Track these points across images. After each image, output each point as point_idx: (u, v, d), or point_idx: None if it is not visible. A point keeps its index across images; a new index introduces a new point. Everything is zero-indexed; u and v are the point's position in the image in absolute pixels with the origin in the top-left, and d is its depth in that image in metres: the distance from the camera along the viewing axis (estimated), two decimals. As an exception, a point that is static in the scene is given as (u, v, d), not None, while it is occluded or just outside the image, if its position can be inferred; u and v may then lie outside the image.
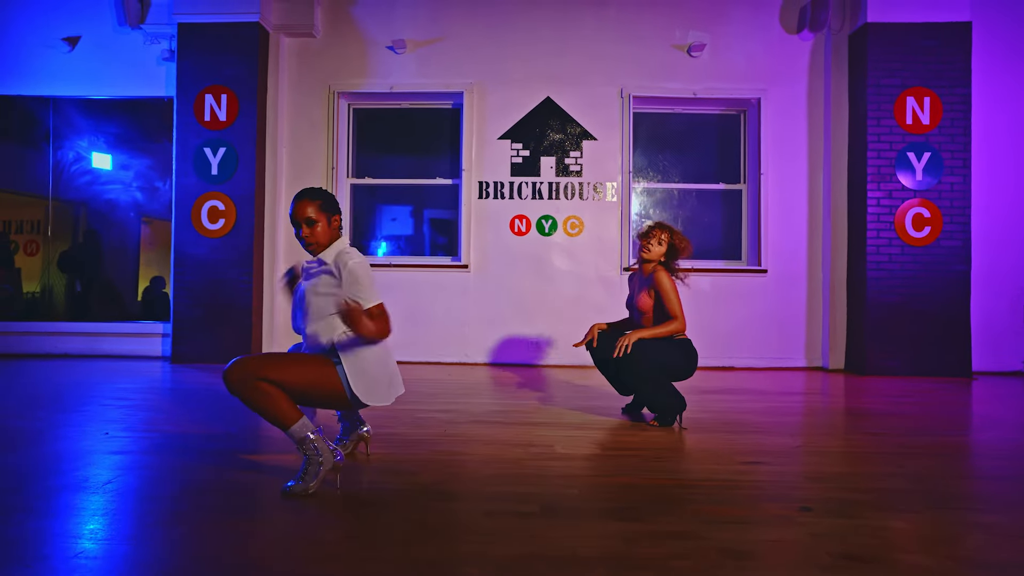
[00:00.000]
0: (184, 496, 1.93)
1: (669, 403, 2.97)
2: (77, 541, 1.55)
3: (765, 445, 2.66)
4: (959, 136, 4.96)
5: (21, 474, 2.11)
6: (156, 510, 1.80)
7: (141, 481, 2.08)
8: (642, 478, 2.15)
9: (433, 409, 3.33)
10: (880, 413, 3.46)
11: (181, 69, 5.35)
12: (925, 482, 2.15)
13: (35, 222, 7.19)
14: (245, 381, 1.88)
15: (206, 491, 1.97)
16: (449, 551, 1.52)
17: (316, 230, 2.08)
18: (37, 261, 6.82)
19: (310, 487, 1.91)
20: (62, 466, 2.21)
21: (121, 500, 1.88)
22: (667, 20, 5.46)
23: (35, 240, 7.03)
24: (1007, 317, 5.23)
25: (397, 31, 5.53)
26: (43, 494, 1.91)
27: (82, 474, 2.12)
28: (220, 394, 3.74)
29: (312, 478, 1.91)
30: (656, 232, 3.12)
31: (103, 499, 1.87)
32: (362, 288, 2.01)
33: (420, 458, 2.37)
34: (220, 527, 1.66)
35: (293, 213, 2.09)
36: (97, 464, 2.25)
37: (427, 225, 5.94)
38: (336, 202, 2.18)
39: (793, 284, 5.42)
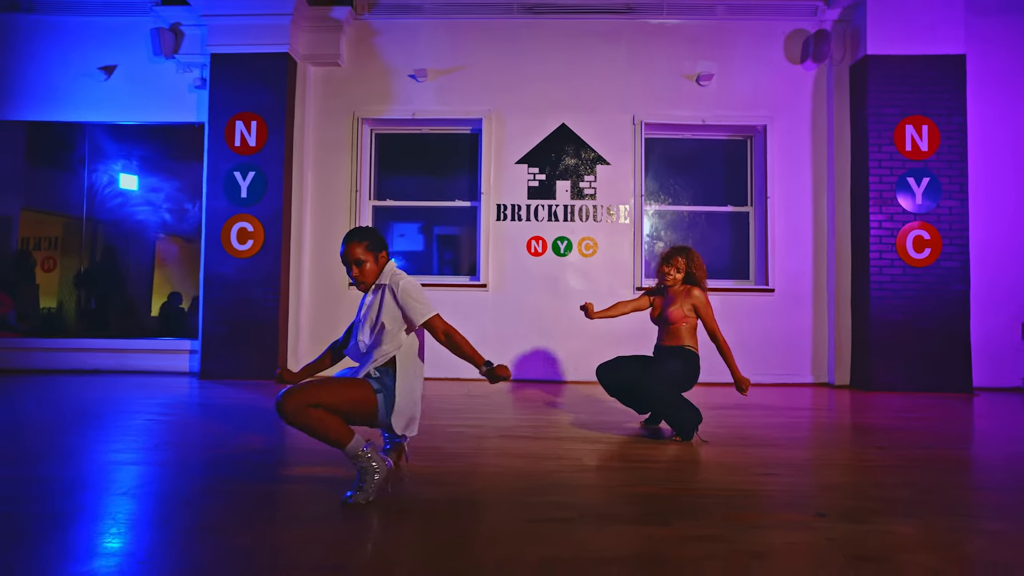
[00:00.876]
0: (243, 505, 2.12)
1: (687, 418, 3.17)
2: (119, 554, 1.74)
3: (778, 458, 2.84)
4: (956, 162, 5.20)
5: (73, 484, 2.31)
6: (201, 517, 2.00)
7: (193, 492, 2.27)
8: (666, 488, 2.34)
9: (463, 424, 3.52)
10: (885, 428, 3.64)
11: (213, 97, 5.61)
12: (930, 492, 2.34)
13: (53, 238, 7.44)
14: (299, 411, 2.02)
15: (266, 499, 2.17)
16: (501, 553, 1.71)
17: (364, 269, 2.27)
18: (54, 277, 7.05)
19: (369, 496, 2.10)
20: (111, 476, 2.41)
21: (171, 509, 2.07)
22: (677, 51, 5.72)
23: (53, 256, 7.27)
24: (1006, 334, 5.42)
25: (419, 61, 5.81)
26: (95, 502, 2.10)
27: (132, 485, 2.31)
28: (252, 409, 3.94)
29: (370, 487, 2.11)
30: (676, 260, 3.36)
31: (158, 508, 2.07)
32: (418, 303, 2.23)
33: (460, 470, 2.56)
34: (287, 532, 1.86)
35: (344, 254, 2.27)
36: (148, 477, 2.45)
37: (435, 242, 6.15)
38: (382, 240, 2.36)
39: (799, 303, 5.62)
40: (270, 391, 4.81)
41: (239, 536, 1.81)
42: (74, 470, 2.48)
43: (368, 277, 2.28)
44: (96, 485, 2.29)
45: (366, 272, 2.28)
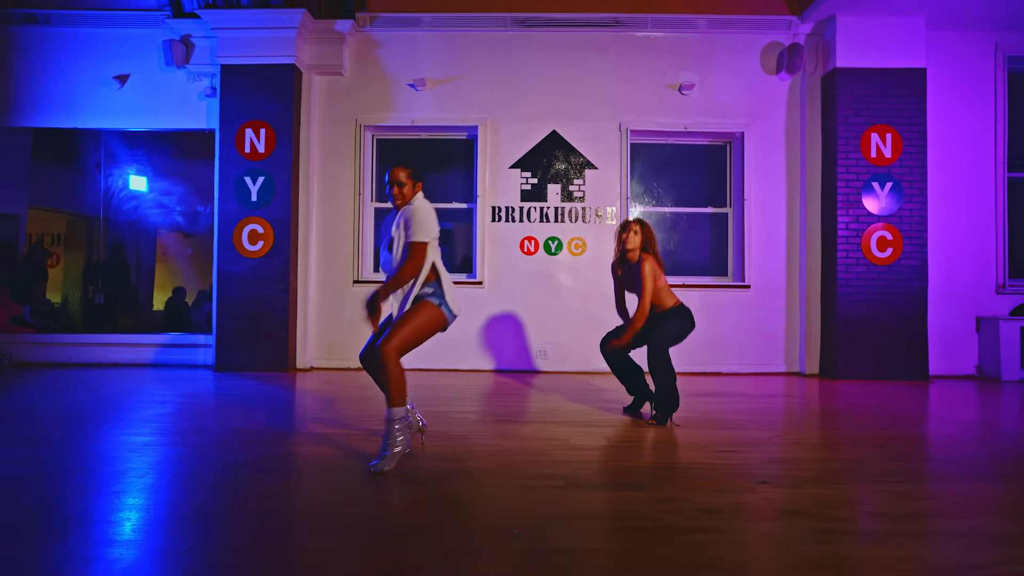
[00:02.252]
0: (268, 477, 2.52)
1: (670, 399, 3.60)
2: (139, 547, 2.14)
3: (740, 438, 3.27)
4: (917, 168, 5.62)
5: (109, 466, 2.70)
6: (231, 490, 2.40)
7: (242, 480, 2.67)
8: (641, 462, 2.77)
9: (464, 411, 3.93)
10: (844, 412, 4.08)
11: (223, 106, 5.94)
12: (860, 463, 2.77)
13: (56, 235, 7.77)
14: (392, 354, 2.49)
15: (288, 468, 2.57)
16: (502, 512, 2.12)
17: (403, 191, 2.71)
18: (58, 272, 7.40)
19: (391, 463, 2.52)
20: (140, 459, 2.80)
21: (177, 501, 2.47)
22: (661, 62, 6.10)
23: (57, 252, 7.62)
24: (961, 326, 5.89)
25: (418, 71, 6.15)
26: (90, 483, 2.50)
27: (160, 466, 2.71)
28: (267, 397, 4.33)
29: (392, 457, 2.53)
30: (631, 227, 3.76)
31: (159, 500, 2.47)
32: (417, 225, 2.61)
33: (465, 449, 2.97)
34: (307, 497, 2.26)
35: (389, 175, 2.71)
36: (176, 457, 2.84)
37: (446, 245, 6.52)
38: (422, 173, 2.80)
39: (773, 298, 6.06)
40: (282, 382, 5.20)
41: (268, 502, 2.21)
42: (109, 452, 2.87)
43: (404, 198, 2.71)
44: (124, 468, 2.68)
45: (404, 193, 2.71)
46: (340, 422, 3.57)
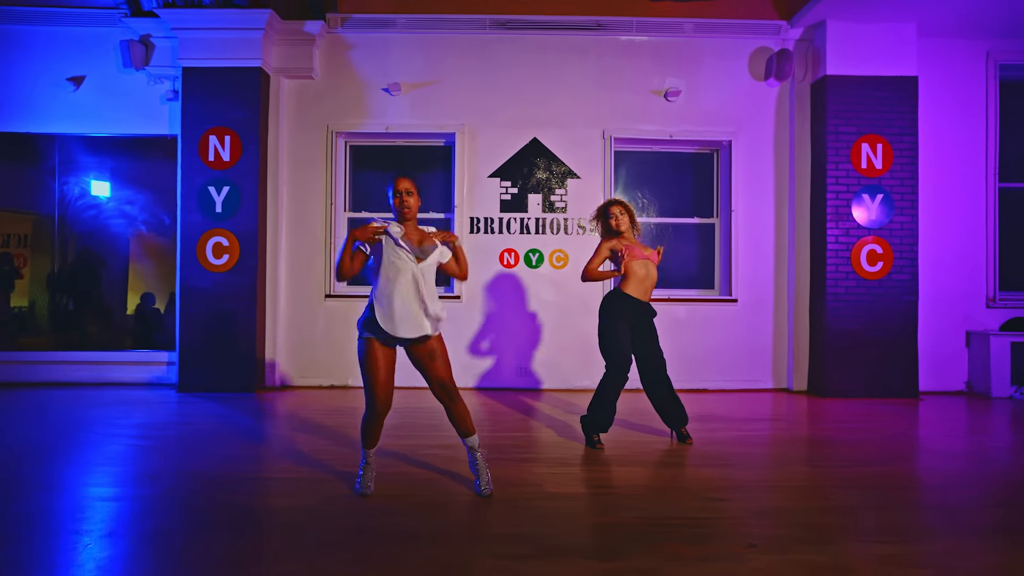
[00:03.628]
0: (211, 542, 2.27)
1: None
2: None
3: (728, 479, 3.07)
4: (908, 179, 5.46)
5: (24, 523, 2.44)
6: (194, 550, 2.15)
7: (161, 529, 2.41)
8: (620, 517, 2.55)
9: (433, 444, 3.70)
10: (832, 441, 3.90)
11: (186, 111, 5.62)
12: (852, 515, 2.58)
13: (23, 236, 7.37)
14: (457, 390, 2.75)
15: (232, 537, 2.32)
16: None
17: (411, 202, 2.71)
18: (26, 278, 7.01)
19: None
20: (88, 514, 2.54)
21: (141, 550, 2.22)
22: (646, 67, 5.87)
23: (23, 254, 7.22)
24: (951, 342, 5.75)
25: (392, 75, 5.87)
26: (45, 545, 2.24)
27: (111, 525, 2.45)
28: (233, 426, 4.07)
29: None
30: (613, 208, 3.74)
31: (120, 549, 2.21)
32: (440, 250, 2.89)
33: (429, 499, 2.74)
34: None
35: (396, 185, 2.73)
36: (129, 513, 2.58)
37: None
38: None
39: (761, 312, 5.88)
40: (249, 403, 4.92)
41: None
42: (49, 504, 2.60)
43: (414, 209, 2.72)
44: (71, 525, 2.41)
45: (413, 205, 2.71)
46: (313, 458, 3.32)
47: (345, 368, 5.87)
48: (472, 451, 2.79)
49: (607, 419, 3.66)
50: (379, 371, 2.62)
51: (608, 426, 3.68)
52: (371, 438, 2.75)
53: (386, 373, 2.65)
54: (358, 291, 5.97)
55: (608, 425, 3.68)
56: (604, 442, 3.77)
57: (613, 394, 3.64)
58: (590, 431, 3.70)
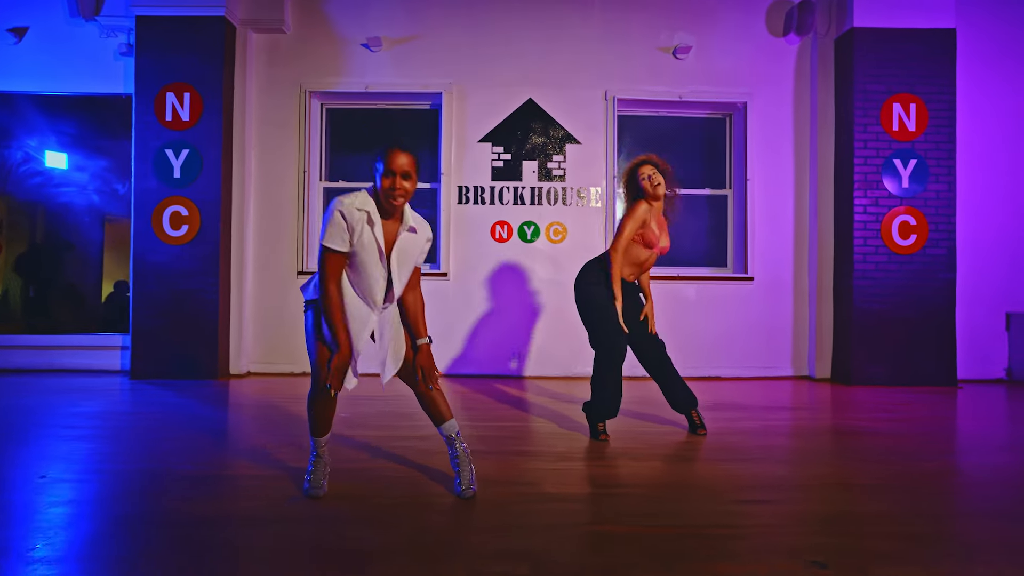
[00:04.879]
0: (136, 561, 1.70)
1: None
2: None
3: (762, 477, 2.52)
4: (944, 143, 4.92)
5: (-60, 535, 1.86)
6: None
7: (87, 541, 1.84)
8: (638, 526, 1.99)
9: (410, 436, 3.13)
10: (869, 432, 3.36)
11: (140, 65, 5.02)
12: (941, 523, 2.03)
13: None
14: None
15: (162, 554, 1.75)
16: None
17: (408, 186, 2.02)
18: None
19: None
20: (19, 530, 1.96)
21: (63, 570, 1.64)
22: (653, 21, 5.31)
23: None
24: (991, 324, 5.22)
25: (372, 28, 5.28)
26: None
27: (17, 536, 1.88)
28: (188, 421, 3.49)
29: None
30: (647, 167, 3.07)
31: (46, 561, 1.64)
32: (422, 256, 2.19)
33: (399, 501, 2.17)
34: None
35: (391, 162, 1.99)
36: (34, 521, 2.01)
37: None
38: None
39: (779, 292, 5.34)
40: (210, 393, 4.34)
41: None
42: (-82, 514, 2.02)
43: (409, 196, 2.05)
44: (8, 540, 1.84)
45: (409, 189, 2.03)
46: (268, 455, 2.75)
47: (319, 353, 5.29)
48: (450, 441, 2.23)
49: (611, 402, 3.07)
50: (327, 349, 2.07)
51: (614, 411, 3.09)
52: (321, 423, 2.19)
53: None
54: (334, 268, 5.38)
55: (614, 410, 3.09)
56: (611, 434, 3.20)
57: (612, 372, 3.05)
58: (594, 419, 3.13)
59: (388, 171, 1.99)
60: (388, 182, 1.99)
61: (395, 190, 1.99)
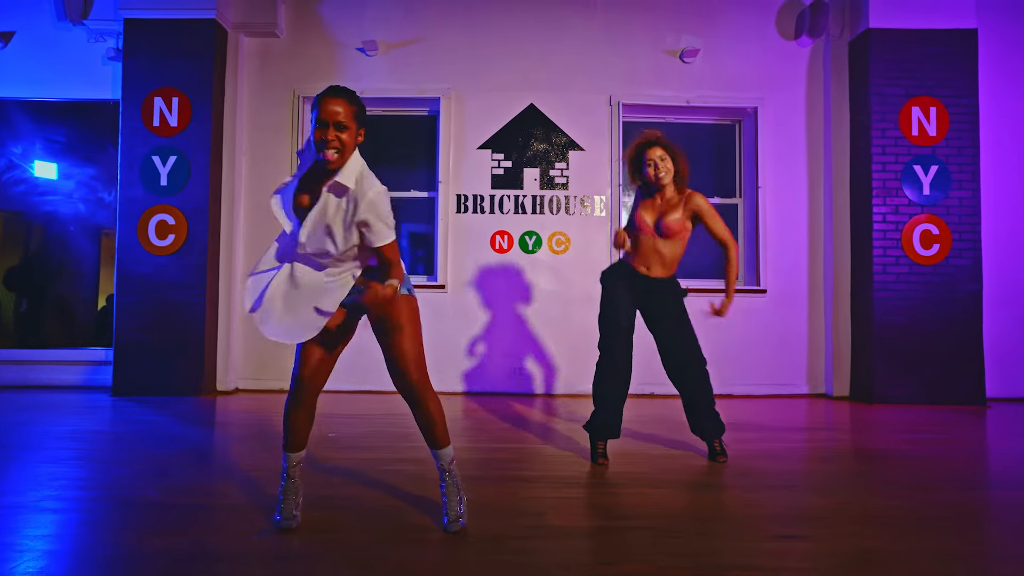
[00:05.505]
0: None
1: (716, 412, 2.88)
2: None
3: (796, 507, 2.25)
4: (967, 148, 4.69)
5: None
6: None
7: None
8: (659, 566, 1.71)
9: (400, 458, 2.86)
10: (899, 455, 3.08)
11: (127, 69, 4.85)
12: (1007, 563, 1.75)
13: None
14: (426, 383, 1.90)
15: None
16: None
17: (343, 137, 1.71)
18: None
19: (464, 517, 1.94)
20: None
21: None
22: (658, 23, 5.13)
23: None
24: (1019, 339, 4.94)
25: (368, 32, 5.11)
26: None
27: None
28: (161, 436, 3.23)
29: (463, 505, 1.96)
30: (652, 151, 2.80)
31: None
32: (378, 218, 1.74)
33: (381, 537, 1.90)
34: None
35: (321, 110, 1.71)
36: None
37: (405, 239, 5.47)
38: (366, 114, 1.84)
39: (793, 304, 5.08)
40: (190, 411, 4.08)
41: None
42: None
43: (346, 150, 1.72)
44: None
45: (344, 141, 1.71)
46: (246, 479, 2.48)
47: (310, 369, 5.03)
48: (443, 470, 1.96)
49: (603, 420, 2.78)
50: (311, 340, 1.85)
51: (609, 430, 2.79)
52: (292, 432, 1.93)
53: (318, 342, 1.87)
54: (327, 280, 5.15)
55: (608, 429, 2.79)
56: (622, 456, 2.92)
57: (605, 385, 2.79)
58: (592, 438, 2.85)
59: (319, 120, 1.72)
60: (319, 133, 1.71)
61: (327, 142, 1.70)
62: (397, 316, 1.87)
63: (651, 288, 2.86)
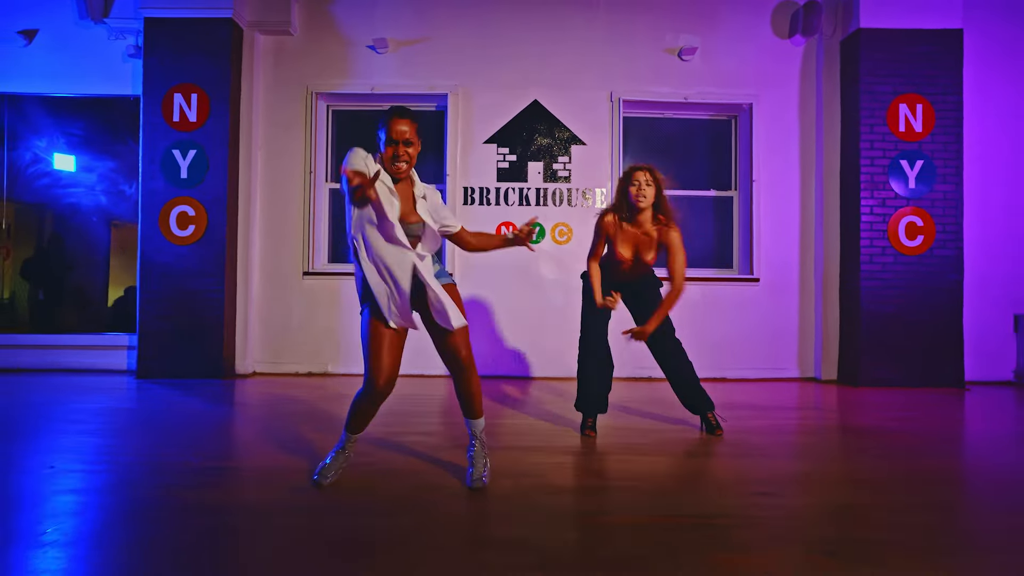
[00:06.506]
0: (145, 547, 1.69)
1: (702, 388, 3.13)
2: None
3: (771, 471, 2.50)
4: (951, 144, 4.91)
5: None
6: (113, 565, 1.57)
7: (96, 527, 1.83)
8: (647, 516, 1.97)
9: (415, 431, 3.12)
10: (877, 430, 3.33)
11: (148, 66, 5.06)
12: (950, 514, 2.00)
13: None
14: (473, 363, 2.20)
15: (170, 541, 1.74)
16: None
17: (410, 152, 2.08)
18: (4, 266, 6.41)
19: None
20: (30, 526, 1.96)
21: (73, 553, 1.64)
22: (658, 23, 5.32)
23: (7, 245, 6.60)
24: (998, 326, 5.18)
25: (379, 30, 5.31)
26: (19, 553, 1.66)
27: (27, 522, 1.87)
28: (189, 413, 3.49)
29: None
30: (638, 175, 2.96)
31: (53, 554, 1.63)
32: (444, 212, 2.21)
33: (401, 492, 2.16)
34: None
35: (391, 130, 2.05)
36: (43, 509, 2.00)
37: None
38: None
39: (785, 293, 5.32)
40: (212, 392, 4.34)
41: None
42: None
43: (413, 161, 2.11)
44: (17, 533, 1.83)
45: (412, 155, 2.09)
46: (271, 450, 2.74)
47: (324, 354, 5.29)
48: (473, 436, 2.25)
49: (586, 395, 3.09)
50: (380, 347, 2.07)
51: (594, 406, 3.09)
52: (358, 421, 2.18)
53: (389, 349, 2.08)
54: (340, 268, 5.40)
55: (592, 404, 3.08)
56: (614, 430, 3.18)
57: (584, 364, 3.10)
58: (582, 413, 3.16)
59: (390, 139, 2.04)
60: (391, 150, 2.04)
61: (398, 157, 2.04)
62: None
63: (631, 284, 3.15)
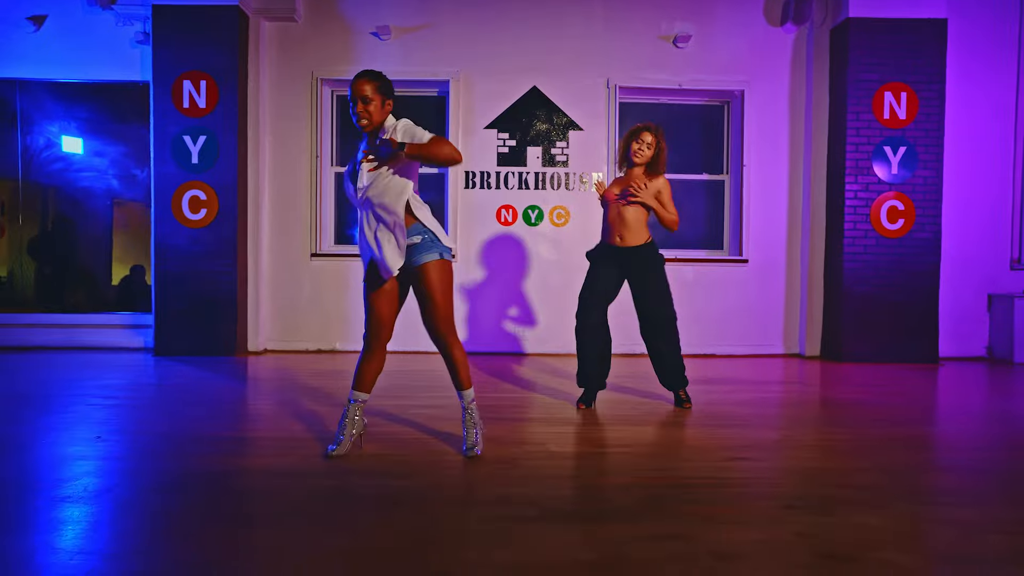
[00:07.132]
0: (184, 504, 1.96)
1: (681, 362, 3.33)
2: (84, 558, 1.58)
3: (749, 439, 2.77)
4: (933, 131, 5.11)
5: (5, 484, 2.11)
6: (154, 520, 1.84)
7: (137, 490, 2.10)
8: (634, 477, 2.25)
9: (421, 404, 3.39)
10: (854, 403, 3.61)
11: (157, 54, 5.20)
12: (897, 476, 2.28)
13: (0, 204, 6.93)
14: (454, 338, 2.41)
15: (206, 499, 2.01)
16: (450, 559, 1.58)
17: (369, 108, 2.25)
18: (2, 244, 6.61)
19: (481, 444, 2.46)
20: (51, 474, 2.22)
21: (119, 511, 1.90)
22: (653, 11, 5.46)
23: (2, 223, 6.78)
24: (972, 305, 5.46)
25: (382, 17, 5.44)
26: (29, 507, 1.92)
27: (76, 483, 2.13)
28: (208, 388, 3.75)
29: (479, 436, 2.48)
30: (644, 135, 3.21)
31: (99, 510, 1.89)
32: (420, 131, 2.24)
33: (412, 458, 2.43)
34: (220, 539, 1.71)
35: (352, 90, 2.26)
36: (90, 471, 2.26)
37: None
38: (392, 88, 2.33)
39: (773, 274, 5.56)
40: (226, 368, 4.60)
41: (183, 541, 1.65)
42: (19, 468, 2.28)
43: (373, 117, 2.26)
44: (46, 486, 2.09)
45: (370, 112, 2.26)
46: (287, 421, 3.00)
47: (332, 332, 5.54)
48: (464, 408, 2.48)
49: (584, 370, 3.33)
50: (373, 297, 2.41)
51: (590, 380, 3.32)
52: (360, 375, 2.45)
53: (381, 298, 2.40)
54: (346, 250, 5.62)
55: (589, 379, 3.32)
56: (608, 403, 3.46)
57: (580, 341, 3.32)
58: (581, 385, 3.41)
59: (351, 98, 2.26)
60: (351, 107, 2.27)
61: (358, 115, 2.26)
62: (432, 280, 2.34)
63: (630, 256, 3.27)
